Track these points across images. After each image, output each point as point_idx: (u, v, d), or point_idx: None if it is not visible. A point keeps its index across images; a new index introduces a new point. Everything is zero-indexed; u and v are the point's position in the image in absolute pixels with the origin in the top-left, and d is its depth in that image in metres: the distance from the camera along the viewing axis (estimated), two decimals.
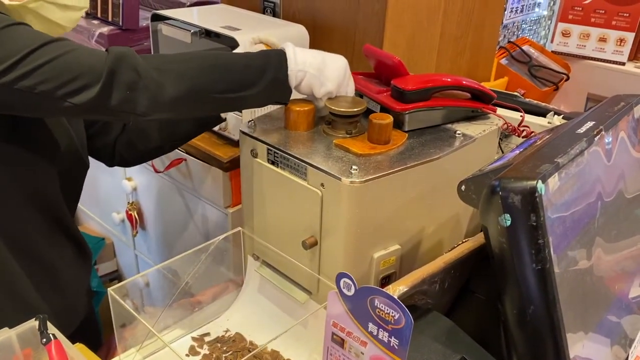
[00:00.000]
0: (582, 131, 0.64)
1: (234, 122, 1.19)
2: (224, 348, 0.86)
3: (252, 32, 1.12)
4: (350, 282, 0.49)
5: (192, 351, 0.86)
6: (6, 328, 0.64)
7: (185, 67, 0.75)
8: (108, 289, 0.79)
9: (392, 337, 0.46)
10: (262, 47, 0.93)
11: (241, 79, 0.77)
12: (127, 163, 1.08)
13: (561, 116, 1.10)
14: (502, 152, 1.02)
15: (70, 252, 0.97)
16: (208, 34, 1.16)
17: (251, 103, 0.82)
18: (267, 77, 0.78)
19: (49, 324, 0.64)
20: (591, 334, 0.71)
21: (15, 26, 0.72)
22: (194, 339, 0.89)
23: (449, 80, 0.90)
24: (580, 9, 2.17)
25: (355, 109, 0.82)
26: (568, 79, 2.07)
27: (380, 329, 0.47)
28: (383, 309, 0.46)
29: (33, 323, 0.64)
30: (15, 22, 0.73)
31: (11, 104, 0.72)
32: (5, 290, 0.87)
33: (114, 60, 0.71)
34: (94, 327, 1.13)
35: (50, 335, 0.62)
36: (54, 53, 0.70)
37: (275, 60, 0.79)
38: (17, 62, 0.68)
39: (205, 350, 0.86)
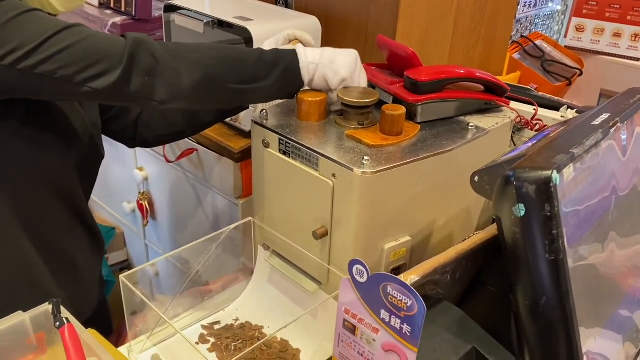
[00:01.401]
0: (597, 123, 0.63)
1: (246, 112, 1.19)
2: (234, 336, 0.87)
3: (264, 23, 1.12)
4: (363, 269, 0.49)
5: (202, 339, 0.87)
6: (20, 311, 0.65)
7: (201, 55, 0.76)
8: (120, 275, 0.79)
9: (405, 324, 0.46)
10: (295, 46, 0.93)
11: (255, 70, 0.78)
12: (148, 144, 1.09)
13: (574, 110, 1.09)
14: (515, 146, 1.02)
15: (86, 241, 0.97)
16: (221, 24, 1.16)
17: (264, 95, 0.83)
18: (279, 69, 0.79)
19: (62, 308, 0.64)
20: (603, 329, 0.70)
21: (32, 12, 0.72)
22: (203, 327, 0.89)
23: (462, 72, 0.89)
24: (595, 3, 2.14)
25: (368, 100, 0.81)
26: (581, 74, 2.05)
27: (392, 316, 0.47)
28: (396, 295, 0.46)
29: (46, 307, 0.64)
30: (32, 8, 0.73)
31: (30, 88, 0.73)
32: (22, 277, 0.88)
33: (133, 46, 0.71)
34: (105, 315, 1.14)
35: (64, 319, 0.62)
36: (73, 38, 0.71)
37: (286, 55, 0.81)
38: (37, 47, 0.69)
39: (214, 339, 0.87)
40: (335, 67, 0.82)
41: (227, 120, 1.24)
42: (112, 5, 1.44)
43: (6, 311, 0.65)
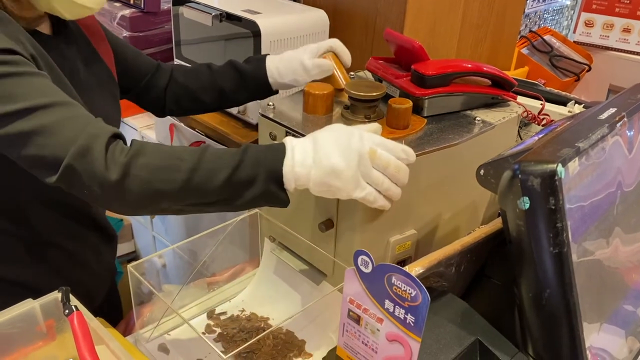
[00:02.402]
0: (603, 117, 0.63)
1: (253, 105, 1.20)
2: (240, 327, 0.88)
3: (272, 16, 1.13)
4: (368, 260, 0.50)
5: (208, 329, 0.88)
6: (30, 299, 0.66)
7: (157, 178, 0.67)
8: (128, 265, 0.80)
9: (409, 314, 0.46)
10: (323, 62, 0.93)
11: (219, 194, 0.69)
12: (177, 115, 1.10)
13: (582, 105, 1.09)
14: (522, 140, 1.02)
15: (94, 238, 0.97)
16: (229, 17, 1.17)
17: (235, 210, 0.73)
18: (256, 189, 0.69)
19: (71, 295, 0.65)
20: (606, 324, 0.70)
21: (19, 76, 0.70)
22: (210, 317, 0.90)
23: (469, 66, 0.89)
24: None
25: (375, 94, 0.82)
26: (590, 69, 2.04)
27: (396, 306, 0.47)
28: (400, 286, 0.46)
29: (56, 295, 0.65)
30: (24, 72, 0.71)
31: None
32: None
33: (75, 156, 0.67)
34: (116, 302, 1.16)
35: (73, 306, 0.63)
36: (37, 121, 0.68)
37: (269, 163, 0.69)
38: (5, 115, 0.68)
39: (220, 329, 0.87)
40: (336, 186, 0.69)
41: (235, 113, 1.24)
42: None
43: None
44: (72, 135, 0.67)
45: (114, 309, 1.14)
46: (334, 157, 0.67)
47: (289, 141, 0.71)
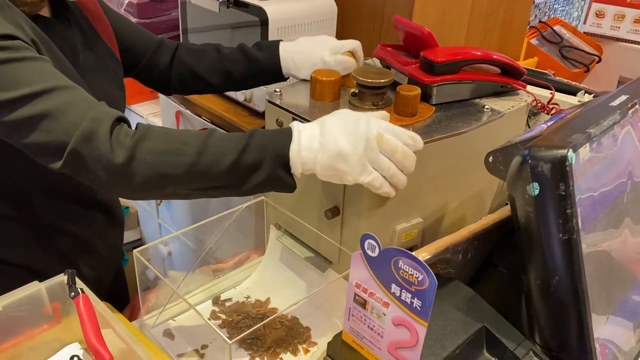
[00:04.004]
0: (615, 104, 0.63)
1: (260, 93, 1.19)
2: (245, 313, 0.88)
3: (280, 3, 1.12)
4: (375, 244, 0.50)
5: (214, 315, 0.88)
6: (36, 281, 0.66)
7: (160, 160, 0.67)
8: (134, 251, 0.80)
9: (415, 299, 0.46)
10: (346, 59, 0.91)
11: (225, 179, 0.69)
12: (183, 93, 1.12)
13: (592, 95, 1.07)
14: (530, 129, 1.01)
15: (100, 221, 0.97)
16: (236, 3, 1.16)
17: (244, 195, 0.72)
18: (261, 173, 0.68)
19: (77, 278, 0.65)
20: (613, 316, 0.70)
21: (21, 61, 0.69)
22: (215, 304, 0.90)
23: (479, 53, 0.88)
24: None
25: (383, 80, 0.81)
26: (600, 61, 2.02)
27: (403, 290, 0.47)
28: (407, 270, 0.46)
29: (62, 277, 0.66)
30: (28, 57, 0.70)
31: None
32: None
33: (79, 141, 0.66)
34: (122, 289, 1.16)
35: (79, 289, 0.63)
36: (41, 106, 0.67)
37: (276, 147, 0.69)
38: (6, 102, 0.67)
39: (225, 315, 0.87)
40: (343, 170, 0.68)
41: (241, 100, 1.24)
42: None
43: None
44: (75, 120, 0.67)
45: (121, 293, 1.15)
46: (341, 141, 0.67)
47: (296, 125, 0.70)
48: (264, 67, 0.97)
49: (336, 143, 0.67)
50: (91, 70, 0.87)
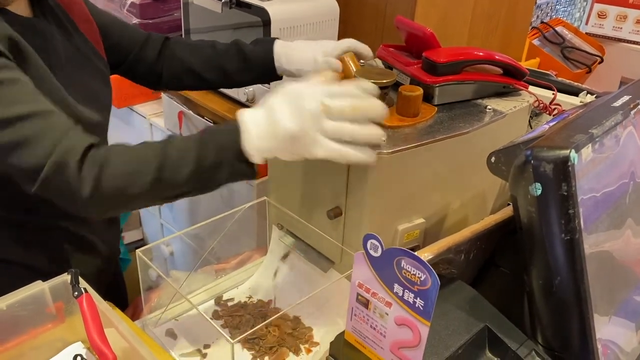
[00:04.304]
0: (617, 104, 0.63)
1: (262, 94, 1.20)
2: (247, 313, 0.88)
3: (282, 3, 1.12)
4: (377, 243, 0.50)
5: (216, 315, 0.88)
6: (39, 281, 0.66)
7: (126, 184, 0.69)
8: (136, 250, 0.81)
9: (418, 298, 0.46)
10: (334, 61, 0.89)
11: (191, 184, 0.71)
12: (175, 88, 1.11)
13: (594, 96, 1.08)
14: (532, 130, 1.01)
15: (98, 221, 0.98)
16: (239, 4, 1.16)
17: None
18: (224, 172, 0.71)
19: (80, 278, 0.65)
20: (615, 316, 0.70)
21: (10, 85, 0.70)
22: (217, 303, 0.90)
23: (481, 54, 0.88)
24: None
25: (385, 81, 0.81)
26: (602, 61, 2.02)
27: (405, 290, 0.47)
28: (409, 270, 0.46)
29: (65, 277, 0.66)
30: (14, 79, 0.71)
31: None
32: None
33: (52, 169, 0.68)
34: (120, 288, 1.16)
35: (82, 289, 0.64)
36: (19, 133, 0.69)
37: (229, 146, 0.70)
38: None
39: (228, 315, 0.88)
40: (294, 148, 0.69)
41: (244, 101, 1.24)
42: None
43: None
44: (49, 148, 0.69)
45: (119, 293, 1.15)
46: (288, 123, 0.67)
47: (241, 116, 0.71)
48: (257, 61, 0.97)
49: (284, 127, 0.67)
50: (74, 68, 0.87)
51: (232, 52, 0.98)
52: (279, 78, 0.98)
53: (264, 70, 0.97)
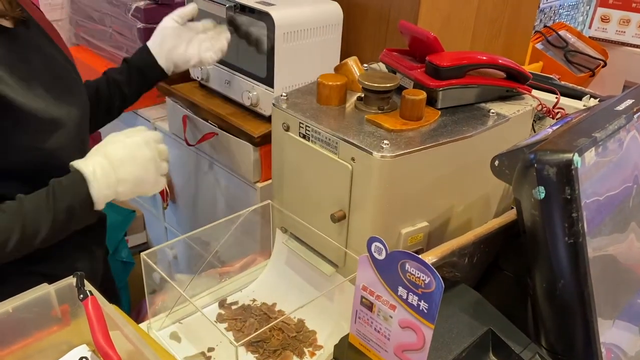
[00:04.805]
0: (621, 108, 0.63)
1: (266, 97, 1.20)
2: (251, 317, 0.88)
3: (286, 8, 1.13)
4: (382, 246, 0.50)
5: (220, 318, 0.88)
6: (45, 284, 0.66)
7: None
8: (141, 254, 0.81)
9: (422, 301, 0.46)
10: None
11: (50, 241, 0.82)
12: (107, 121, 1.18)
13: (597, 99, 1.08)
14: (536, 134, 1.01)
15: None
16: (243, 8, 1.17)
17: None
18: (73, 224, 0.84)
19: (85, 281, 0.66)
20: (618, 320, 0.70)
21: None
22: (221, 307, 0.91)
23: (484, 58, 0.89)
24: None
25: (388, 85, 0.81)
26: (605, 65, 2.02)
27: (410, 293, 0.47)
28: (414, 272, 0.46)
29: (71, 280, 0.66)
30: None
31: None
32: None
33: None
34: (111, 287, 1.18)
35: (87, 291, 0.64)
36: None
37: (79, 205, 0.82)
38: None
39: (232, 319, 0.88)
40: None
41: (247, 105, 1.25)
42: None
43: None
44: None
45: (111, 292, 1.17)
46: (136, 171, 0.82)
47: (86, 169, 0.81)
48: (138, 60, 1.08)
49: (132, 174, 0.82)
50: (59, 77, 0.92)
51: (120, 67, 1.10)
52: (166, 76, 1.10)
53: (148, 68, 1.08)
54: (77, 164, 0.82)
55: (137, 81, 1.09)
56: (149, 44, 1.09)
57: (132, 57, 1.10)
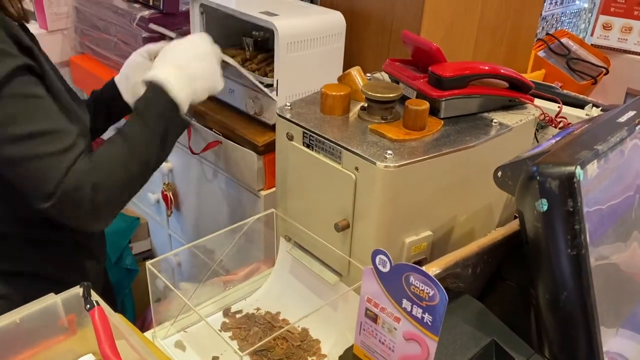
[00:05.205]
0: (622, 120, 0.63)
1: (270, 106, 1.21)
2: (255, 326, 0.88)
3: (289, 18, 1.14)
4: (386, 259, 0.50)
5: (224, 327, 0.89)
6: (52, 294, 0.67)
7: (118, 174, 0.82)
8: (146, 263, 0.82)
9: (426, 314, 0.47)
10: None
11: (161, 150, 0.89)
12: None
13: (599, 108, 1.08)
14: (538, 143, 1.01)
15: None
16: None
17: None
18: (172, 136, 0.90)
19: (92, 291, 0.66)
20: (622, 329, 0.70)
21: (25, 99, 0.76)
22: (225, 315, 0.91)
23: (486, 68, 0.89)
24: (623, 1, 2.11)
25: (391, 95, 0.82)
26: (607, 73, 2.02)
27: (414, 306, 0.48)
28: (418, 285, 0.47)
29: (77, 290, 0.67)
30: (37, 95, 0.78)
31: None
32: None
33: (65, 192, 0.76)
34: (109, 290, 1.20)
35: (94, 302, 0.64)
36: (34, 150, 0.75)
37: (173, 119, 0.89)
38: (14, 139, 0.74)
39: (236, 327, 0.88)
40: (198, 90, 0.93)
41: (251, 113, 1.25)
42: None
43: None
44: (63, 170, 0.76)
45: (109, 295, 1.19)
46: (203, 66, 0.91)
47: (159, 78, 0.87)
48: (104, 93, 1.10)
49: (201, 69, 0.90)
50: (60, 81, 0.93)
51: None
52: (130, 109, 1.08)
53: (113, 97, 1.08)
54: (149, 76, 0.88)
55: (104, 114, 1.10)
56: (116, 78, 1.09)
57: (100, 89, 1.11)
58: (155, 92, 0.86)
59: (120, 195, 0.83)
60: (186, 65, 0.89)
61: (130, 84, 1.07)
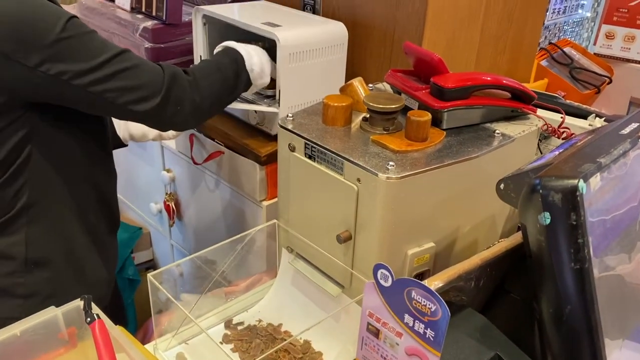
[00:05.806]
0: (625, 132, 0.63)
1: (272, 117, 1.21)
2: (257, 337, 0.88)
3: (291, 29, 1.14)
4: (388, 273, 0.50)
5: (226, 339, 0.88)
6: (53, 307, 0.67)
7: (211, 84, 0.96)
8: (148, 274, 0.81)
9: (428, 329, 0.46)
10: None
11: (235, 85, 1.02)
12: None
13: (603, 119, 1.08)
14: (541, 153, 1.01)
15: (106, 225, 1.05)
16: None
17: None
18: (243, 77, 1.04)
19: (92, 304, 0.66)
20: (627, 340, 0.69)
21: (93, 34, 0.83)
22: (227, 327, 0.91)
23: (489, 79, 0.89)
24: (626, 10, 2.11)
25: (393, 106, 0.82)
26: (610, 82, 2.02)
27: (416, 321, 0.47)
28: (420, 300, 0.46)
29: (78, 303, 0.66)
30: (93, 30, 0.84)
31: (77, 101, 0.84)
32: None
33: (170, 81, 0.88)
34: (119, 300, 1.21)
35: (95, 315, 0.64)
36: (124, 64, 0.84)
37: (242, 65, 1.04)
38: (93, 69, 0.80)
39: (238, 339, 0.88)
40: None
41: (254, 124, 1.25)
42: (143, 9, 1.47)
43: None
44: (156, 67, 0.88)
45: (118, 306, 1.20)
46: (261, 59, 1.08)
47: (238, 48, 1.05)
48: None
49: (260, 60, 1.07)
50: None
51: None
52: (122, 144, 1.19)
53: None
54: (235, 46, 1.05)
55: None
56: None
57: None
58: (227, 50, 1.04)
59: (209, 107, 0.96)
60: (253, 55, 1.06)
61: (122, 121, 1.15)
